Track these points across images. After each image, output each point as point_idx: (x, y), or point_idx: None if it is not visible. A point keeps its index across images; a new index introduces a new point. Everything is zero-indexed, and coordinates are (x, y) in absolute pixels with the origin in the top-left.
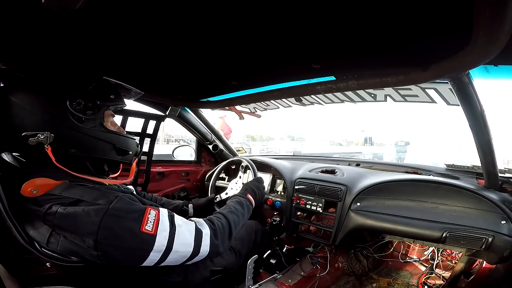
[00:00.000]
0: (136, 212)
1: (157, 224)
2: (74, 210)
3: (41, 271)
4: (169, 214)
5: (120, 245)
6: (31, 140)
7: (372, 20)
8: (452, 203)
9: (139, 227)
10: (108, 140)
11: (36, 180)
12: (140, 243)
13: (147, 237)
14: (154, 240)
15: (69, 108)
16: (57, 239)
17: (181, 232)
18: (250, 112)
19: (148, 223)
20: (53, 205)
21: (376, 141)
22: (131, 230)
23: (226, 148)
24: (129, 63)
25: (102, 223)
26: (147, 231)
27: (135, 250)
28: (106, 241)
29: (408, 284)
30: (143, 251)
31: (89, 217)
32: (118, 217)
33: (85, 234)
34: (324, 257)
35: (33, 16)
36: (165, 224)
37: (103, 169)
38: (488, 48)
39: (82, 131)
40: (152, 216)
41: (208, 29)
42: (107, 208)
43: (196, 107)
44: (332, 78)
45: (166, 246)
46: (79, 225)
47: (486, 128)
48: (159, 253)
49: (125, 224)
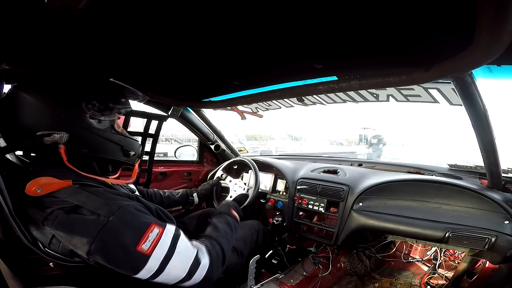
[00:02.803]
0: (137, 228)
1: (155, 245)
2: (72, 218)
3: (44, 271)
4: (174, 235)
5: (111, 259)
6: (46, 139)
7: (375, 20)
8: (455, 203)
9: (135, 245)
10: (117, 142)
11: (41, 179)
12: (131, 260)
13: (140, 257)
14: (147, 261)
15: (85, 109)
16: (58, 240)
17: (178, 258)
18: (252, 112)
19: (146, 242)
20: (55, 210)
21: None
22: (125, 247)
23: (228, 148)
24: (131, 63)
25: (98, 235)
26: (142, 250)
27: (125, 265)
28: (99, 252)
29: (410, 284)
30: (133, 268)
31: (86, 228)
32: (115, 232)
33: (79, 244)
34: (326, 257)
35: (35, 16)
36: (164, 247)
37: (108, 169)
38: (491, 48)
39: (95, 132)
40: (153, 235)
41: (210, 29)
42: (107, 221)
43: (198, 107)
44: (334, 78)
45: (157, 267)
46: (75, 234)
47: (489, 128)
48: (150, 272)
49: (121, 240)
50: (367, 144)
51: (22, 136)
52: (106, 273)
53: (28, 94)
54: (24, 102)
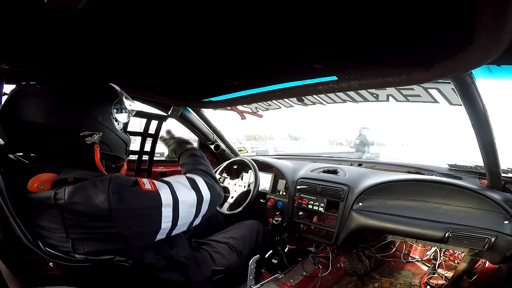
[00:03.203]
0: (131, 179)
1: (153, 184)
2: (80, 184)
3: (43, 271)
4: (158, 178)
5: (132, 208)
6: (87, 139)
7: (374, 20)
8: (454, 203)
9: (140, 188)
10: (126, 141)
11: (42, 176)
12: (148, 200)
13: (152, 194)
14: (159, 195)
15: (112, 113)
16: (73, 220)
17: (177, 184)
18: (252, 112)
19: (146, 185)
20: (59, 188)
21: (372, 139)
22: (135, 192)
23: (228, 148)
24: (131, 63)
25: (110, 189)
26: (148, 189)
27: (148, 209)
28: (119, 206)
29: (410, 284)
30: (155, 208)
31: (96, 186)
32: (120, 185)
33: (98, 202)
34: (326, 257)
35: (35, 16)
36: (160, 183)
37: (111, 166)
38: (491, 48)
39: (117, 133)
40: (146, 180)
41: (210, 29)
42: (109, 178)
43: (198, 107)
44: (334, 78)
45: (172, 198)
46: (90, 194)
47: (488, 128)
48: (170, 207)
49: (128, 189)
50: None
51: (61, 136)
52: (105, 273)
53: (66, 97)
54: (65, 104)
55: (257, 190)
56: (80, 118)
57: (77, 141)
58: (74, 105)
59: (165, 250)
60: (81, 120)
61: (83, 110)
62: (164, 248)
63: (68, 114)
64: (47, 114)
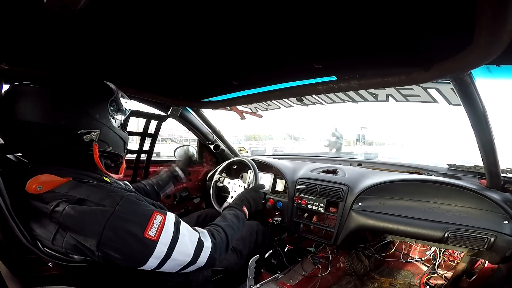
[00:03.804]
0: (142, 215)
1: (160, 231)
2: (81, 209)
3: (43, 271)
4: (175, 221)
5: (121, 248)
6: (85, 137)
7: (374, 20)
8: (454, 203)
9: (142, 232)
10: (124, 138)
11: (41, 177)
12: (141, 247)
13: (149, 243)
14: (155, 246)
15: (109, 110)
16: (62, 235)
17: (183, 242)
18: (251, 112)
19: (152, 229)
20: (60, 203)
21: (371, 139)
22: (134, 234)
23: (227, 148)
24: (131, 63)
25: (107, 224)
26: (150, 236)
27: (135, 253)
28: (109, 242)
29: (410, 284)
30: (143, 256)
31: (95, 217)
32: (123, 220)
33: (90, 234)
34: (325, 257)
35: (34, 16)
36: (169, 232)
37: (110, 165)
38: (490, 48)
39: (115, 131)
40: (157, 222)
41: (210, 29)
42: (113, 210)
43: (197, 107)
44: (333, 78)
45: (165, 253)
46: (85, 225)
47: (488, 128)
48: (158, 259)
49: (130, 227)
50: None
51: (60, 135)
52: (104, 273)
53: (66, 95)
54: (62, 102)
55: None
56: (77, 116)
57: (75, 139)
58: (71, 103)
59: None
60: (79, 118)
61: (80, 108)
62: None
63: (65, 112)
64: (44, 113)
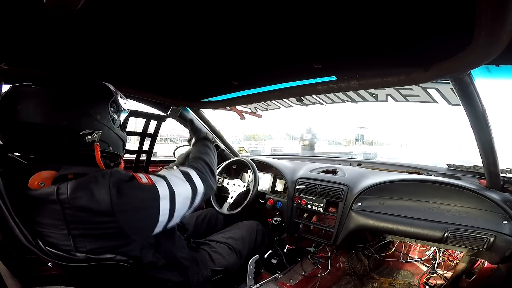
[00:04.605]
0: (128, 175)
1: (149, 177)
2: (82, 179)
3: (42, 271)
4: (153, 173)
5: (132, 201)
6: (87, 138)
7: (374, 20)
8: (453, 203)
9: (138, 182)
10: (123, 139)
11: (43, 173)
12: (147, 193)
13: (150, 187)
14: (156, 188)
15: (109, 111)
16: (75, 216)
17: (172, 177)
18: (251, 112)
19: (142, 179)
20: (61, 183)
21: (370, 139)
22: (133, 185)
23: (227, 148)
24: (131, 63)
25: (110, 184)
26: (145, 183)
27: (147, 201)
28: (119, 200)
29: (409, 284)
30: (154, 201)
31: (97, 181)
32: (120, 179)
33: (100, 197)
34: (325, 257)
35: (34, 16)
36: (156, 177)
37: (109, 165)
38: (490, 48)
39: (115, 131)
40: (142, 175)
41: (209, 29)
42: (109, 172)
43: (197, 107)
44: (333, 78)
45: (169, 191)
46: (92, 189)
47: (487, 128)
48: (167, 199)
49: (127, 183)
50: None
51: (62, 136)
52: (104, 273)
53: (66, 96)
54: (64, 103)
55: (257, 190)
56: (79, 117)
57: (77, 140)
58: (72, 104)
59: (165, 249)
60: (80, 119)
61: (81, 109)
62: (164, 247)
63: (67, 113)
64: (46, 114)
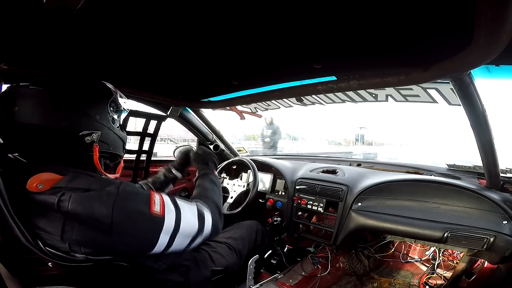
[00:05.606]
0: (143, 195)
1: (163, 206)
2: (87, 195)
3: (42, 271)
4: (171, 197)
5: (133, 228)
6: (87, 138)
7: (374, 20)
8: (453, 203)
9: (148, 209)
10: (123, 138)
11: (42, 175)
12: (151, 224)
13: (157, 219)
14: (163, 221)
15: (109, 111)
16: (71, 226)
17: (186, 214)
18: (251, 112)
19: (156, 205)
20: (65, 193)
21: (370, 139)
22: (142, 212)
23: (227, 148)
24: (130, 63)
25: (115, 205)
26: (156, 212)
27: (147, 232)
28: (120, 223)
29: (409, 284)
30: (154, 233)
31: (102, 200)
32: (128, 200)
33: (101, 216)
34: (325, 257)
35: (34, 16)
36: (170, 207)
37: (109, 165)
38: (490, 48)
39: (114, 131)
40: (158, 200)
41: (209, 29)
42: (117, 191)
43: (197, 107)
44: (333, 78)
45: (174, 227)
46: (94, 207)
47: (487, 128)
48: (168, 235)
49: (136, 206)
50: None
51: (61, 137)
52: (104, 273)
53: (65, 96)
54: (62, 104)
55: (256, 190)
56: (78, 118)
57: (77, 140)
58: (71, 104)
59: (167, 257)
60: (80, 120)
61: (80, 110)
62: (166, 255)
63: (65, 114)
64: (45, 115)
